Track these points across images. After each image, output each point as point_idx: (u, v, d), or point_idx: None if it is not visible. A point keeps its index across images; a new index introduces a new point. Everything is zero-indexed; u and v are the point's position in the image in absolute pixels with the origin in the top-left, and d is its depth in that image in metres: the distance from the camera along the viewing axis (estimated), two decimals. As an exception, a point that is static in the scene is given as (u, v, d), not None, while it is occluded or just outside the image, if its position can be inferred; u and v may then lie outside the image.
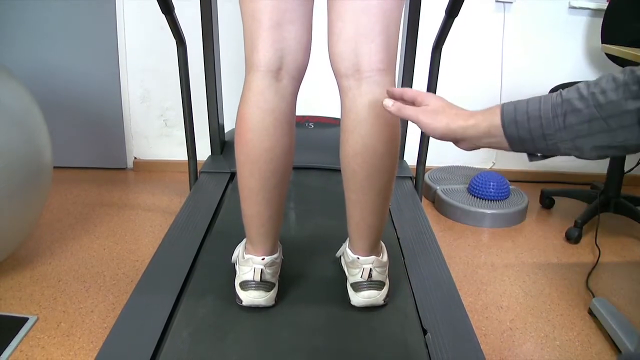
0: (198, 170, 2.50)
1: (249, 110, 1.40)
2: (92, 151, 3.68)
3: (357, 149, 1.40)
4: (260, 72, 1.39)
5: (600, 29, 3.13)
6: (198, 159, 2.54)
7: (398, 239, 1.90)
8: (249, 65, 1.42)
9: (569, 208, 3.29)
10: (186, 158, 2.52)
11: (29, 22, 3.47)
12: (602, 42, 3.22)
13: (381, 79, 1.38)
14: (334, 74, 1.43)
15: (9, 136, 2.13)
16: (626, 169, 3.01)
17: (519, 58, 3.50)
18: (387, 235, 1.74)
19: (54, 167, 2.46)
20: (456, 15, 2.13)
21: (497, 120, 1.01)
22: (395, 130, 1.41)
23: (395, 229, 1.97)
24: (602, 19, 3.21)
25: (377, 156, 1.39)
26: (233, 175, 2.39)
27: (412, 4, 2.32)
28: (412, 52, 2.41)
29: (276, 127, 1.40)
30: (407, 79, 2.46)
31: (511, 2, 3.41)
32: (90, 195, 3.25)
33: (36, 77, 3.29)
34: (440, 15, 2.21)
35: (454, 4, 2.09)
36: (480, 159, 3.65)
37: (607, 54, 2.96)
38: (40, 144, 2.31)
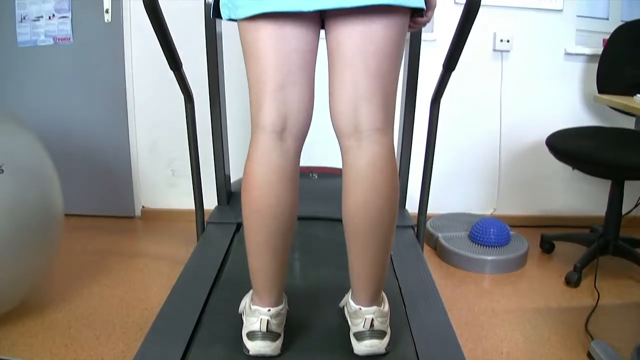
0: (205, 221, 2.56)
1: (255, 168, 1.47)
2: (102, 199, 3.74)
3: (358, 205, 1.47)
4: (266, 132, 1.46)
5: (596, 74, 3.20)
6: (205, 207, 2.60)
7: (400, 288, 1.94)
8: (254, 125, 1.50)
9: (569, 252, 3.32)
10: (192, 207, 2.57)
11: (41, 72, 3.57)
12: (598, 88, 3.30)
13: (380, 138, 1.45)
14: (335, 133, 1.50)
15: (23, 186, 2.20)
16: (624, 211, 3.05)
17: (517, 105, 3.56)
18: (389, 284, 1.80)
19: (65, 215, 2.52)
20: (453, 69, 2.20)
21: None
22: (394, 186, 1.48)
23: (397, 279, 2.02)
24: (597, 65, 3.29)
25: (377, 211, 1.46)
26: (239, 226, 2.44)
27: (410, 60, 2.38)
28: (411, 107, 2.47)
29: (281, 184, 1.47)
30: (407, 134, 2.52)
31: (508, 51, 3.49)
32: (100, 243, 3.31)
33: (47, 126, 3.37)
34: (438, 68, 2.28)
35: (451, 58, 2.16)
36: (481, 206, 3.70)
37: (603, 100, 3.02)
38: (52, 194, 2.37)
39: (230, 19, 1.49)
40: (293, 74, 1.46)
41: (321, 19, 1.48)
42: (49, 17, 3.51)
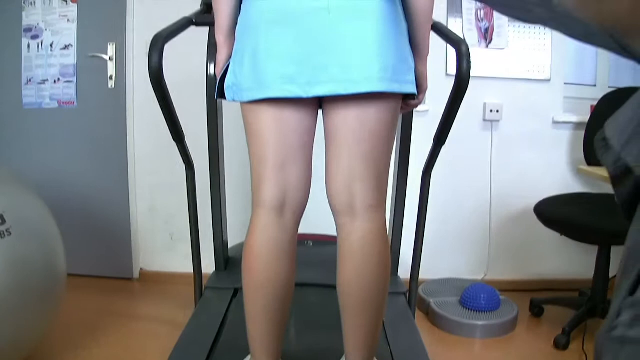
0: (203, 285, 2.62)
1: (255, 242, 1.56)
2: (101, 260, 3.78)
3: (351, 278, 1.55)
4: (266, 208, 1.56)
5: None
6: (202, 271, 2.65)
7: (391, 354, 2.00)
8: (255, 201, 1.59)
9: (558, 315, 3.34)
10: (190, 270, 2.62)
11: (45, 134, 3.67)
12: (584, 155, 3.38)
13: (373, 215, 1.55)
14: (331, 210, 1.60)
15: (29, 247, 2.26)
16: (611, 274, 3.10)
17: (506, 173, 3.64)
18: (381, 350, 1.85)
19: (67, 275, 2.56)
20: (444, 143, 2.28)
21: None
22: (385, 261, 1.57)
23: (389, 345, 2.07)
24: (584, 132, 3.39)
25: (369, 284, 1.55)
26: (236, 291, 2.50)
27: (403, 132, 2.46)
28: (403, 178, 2.55)
29: (279, 257, 1.56)
30: (399, 203, 2.60)
31: (498, 120, 3.59)
32: (99, 304, 3.35)
33: (50, 187, 3.40)
34: (430, 138, 2.36)
35: (441, 133, 2.25)
36: (473, 270, 3.74)
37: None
38: (56, 255, 2.43)
39: (234, 100, 1.59)
40: (292, 154, 1.56)
41: (319, 101, 1.58)
42: (55, 81, 3.62)
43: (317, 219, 2.54)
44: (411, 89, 1.56)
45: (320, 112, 1.63)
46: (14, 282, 2.16)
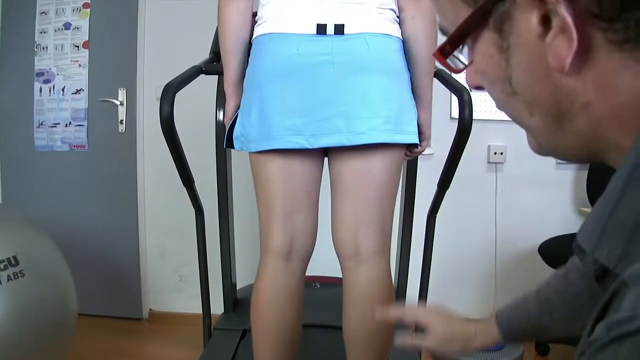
0: (212, 326, 2.65)
1: (264, 287, 1.61)
2: (111, 300, 3.80)
3: (356, 322, 1.60)
4: (274, 254, 1.61)
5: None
6: (211, 312, 2.69)
7: (397, 395, 2.03)
8: (263, 248, 1.64)
9: (564, 354, 3.31)
10: (198, 311, 2.64)
11: (56, 176, 3.73)
12: (588, 195, 3.42)
13: (377, 260, 1.60)
14: (337, 255, 1.65)
15: (41, 288, 2.30)
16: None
17: (511, 214, 3.66)
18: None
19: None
20: (448, 188, 2.32)
21: (498, 337, 1.17)
22: (390, 303, 1.61)
23: (394, 386, 2.10)
24: (587, 172, 3.43)
25: (374, 328, 1.59)
26: (245, 332, 2.52)
27: (408, 176, 2.50)
28: (408, 221, 2.58)
29: (287, 301, 1.61)
30: (405, 246, 2.64)
31: (502, 163, 3.64)
32: (108, 344, 3.36)
33: (60, 228, 3.40)
34: (435, 181, 2.41)
35: (445, 178, 2.29)
36: (479, 310, 3.72)
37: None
38: (68, 296, 2.47)
39: (242, 150, 1.65)
40: (299, 202, 1.61)
41: (324, 151, 1.64)
42: (66, 125, 3.69)
43: (324, 261, 2.58)
44: (414, 139, 1.61)
45: (326, 160, 1.69)
46: (26, 322, 2.19)
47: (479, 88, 0.73)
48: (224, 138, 1.76)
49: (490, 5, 0.61)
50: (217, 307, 2.80)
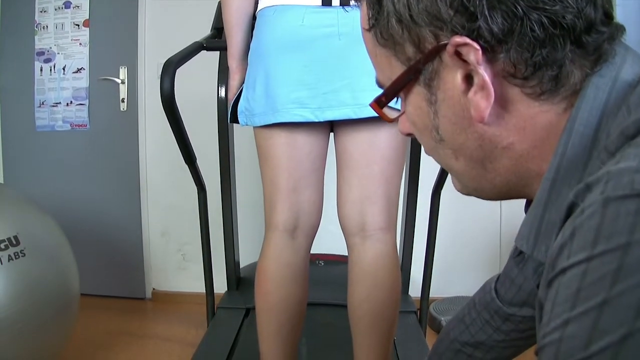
0: (215, 305, 2.65)
1: (268, 264, 1.59)
2: (113, 280, 3.79)
3: (362, 299, 1.58)
4: (279, 231, 1.58)
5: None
6: (214, 291, 2.67)
7: (402, 372, 2.03)
8: (268, 224, 1.62)
9: None
10: (202, 290, 2.64)
11: (57, 156, 3.71)
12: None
13: (383, 236, 1.57)
14: (342, 231, 1.62)
15: (42, 268, 2.28)
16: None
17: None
18: (392, 369, 1.87)
19: (80, 295, 2.58)
20: (448, 169, 2.30)
21: None
22: (396, 281, 1.59)
23: (400, 363, 2.10)
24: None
25: (380, 305, 1.57)
26: (248, 311, 2.52)
27: (412, 154, 2.49)
28: (413, 198, 2.56)
29: (291, 279, 1.58)
30: (409, 223, 2.62)
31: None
32: (111, 323, 3.35)
33: (62, 208, 3.38)
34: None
35: (450, 154, 2.27)
36: (483, 288, 3.73)
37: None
38: (70, 275, 2.45)
39: (247, 125, 1.62)
40: (304, 178, 1.59)
41: (330, 125, 1.61)
42: (67, 104, 3.66)
43: (328, 239, 2.56)
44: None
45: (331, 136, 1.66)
46: (28, 302, 2.18)
47: (409, 135, 0.82)
48: (228, 113, 1.73)
49: (422, 65, 0.70)
50: (221, 286, 2.79)
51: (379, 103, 0.76)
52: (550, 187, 0.67)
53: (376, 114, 0.74)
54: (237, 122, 1.66)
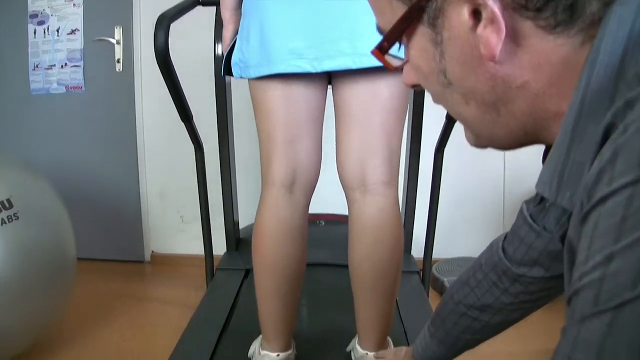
0: (214, 267, 2.62)
1: (265, 221, 1.53)
2: (112, 244, 3.79)
3: (363, 256, 1.53)
4: (275, 186, 1.53)
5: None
6: (213, 252, 2.64)
7: (405, 333, 1.97)
8: (264, 179, 1.56)
9: None
10: (201, 252, 2.61)
11: (53, 120, 3.66)
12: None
13: (384, 191, 1.52)
14: (342, 186, 1.57)
15: (37, 231, 2.26)
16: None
17: (520, 151, 3.57)
18: (394, 329, 1.82)
19: (77, 259, 2.56)
20: (456, 120, 2.25)
21: None
22: (398, 237, 1.54)
23: (403, 324, 2.05)
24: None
25: (381, 262, 1.52)
26: (248, 272, 2.48)
27: (414, 110, 2.44)
28: (415, 155, 2.52)
29: (290, 236, 1.53)
30: (412, 181, 2.58)
31: (512, 97, 3.55)
32: (110, 287, 3.35)
33: (59, 172, 3.36)
34: (442, 116, 2.34)
35: (454, 110, 2.22)
36: (486, 249, 3.71)
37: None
38: (65, 238, 2.43)
39: (242, 77, 1.56)
40: (301, 130, 1.53)
41: (328, 76, 1.55)
42: (62, 66, 3.61)
43: (329, 199, 2.53)
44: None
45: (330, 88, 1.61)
46: (22, 266, 2.16)
47: (415, 86, 0.77)
48: (222, 66, 1.67)
49: (424, 2, 0.65)
50: (221, 247, 2.76)
51: (381, 49, 0.72)
52: (573, 125, 0.60)
53: (377, 64, 0.70)
54: (231, 74, 1.60)
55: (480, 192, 3.65)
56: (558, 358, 0.52)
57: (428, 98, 2.46)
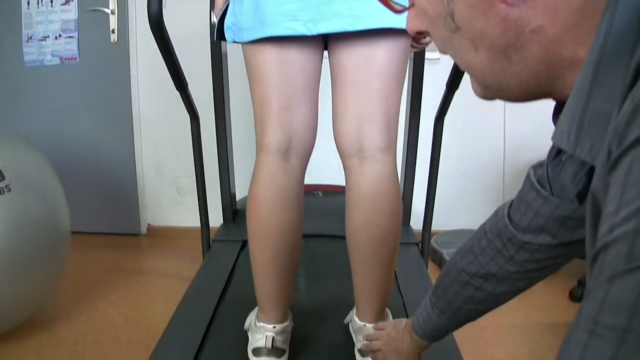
0: (211, 239, 2.59)
1: (260, 189, 1.49)
2: (108, 217, 3.77)
3: (360, 225, 1.49)
4: (270, 153, 1.49)
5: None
6: (210, 224, 2.62)
7: (404, 304, 1.96)
8: (259, 146, 1.52)
9: (573, 267, 3.26)
10: (198, 224, 2.59)
11: (47, 92, 3.62)
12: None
13: (382, 157, 1.47)
14: (339, 153, 1.53)
15: (30, 203, 2.23)
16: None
17: (521, 121, 3.55)
18: (393, 301, 1.80)
19: (72, 232, 2.54)
20: (456, 89, 2.22)
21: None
22: (396, 206, 1.50)
23: (402, 295, 2.03)
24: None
25: (379, 231, 1.48)
26: (245, 243, 2.45)
27: (414, 79, 2.41)
28: (414, 125, 2.49)
29: (285, 204, 1.49)
30: (411, 151, 2.54)
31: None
32: (106, 261, 3.34)
33: (53, 145, 3.33)
34: (441, 87, 2.30)
35: (454, 78, 2.19)
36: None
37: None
38: (59, 211, 2.40)
39: (235, 42, 1.52)
40: (297, 96, 1.49)
41: (324, 40, 1.51)
42: (56, 37, 3.56)
43: (327, 170, 2.49)
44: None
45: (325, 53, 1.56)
46: (15, 239, 2.13)
47: (419, 34, 0.73)
48: (215, 31, 1.63)
49: None
50: (218, 220, 2.74)
51: None
52: (593, 71, 0.56)
53: (374, 26, 0.66)
54: (224, 39, 1.55)
55: (480, 164, 3.62)
56: (581, 324, 0.47)
57: (427, 65, 2.44)
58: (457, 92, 2.25)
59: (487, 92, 0.71)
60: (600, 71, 0.55)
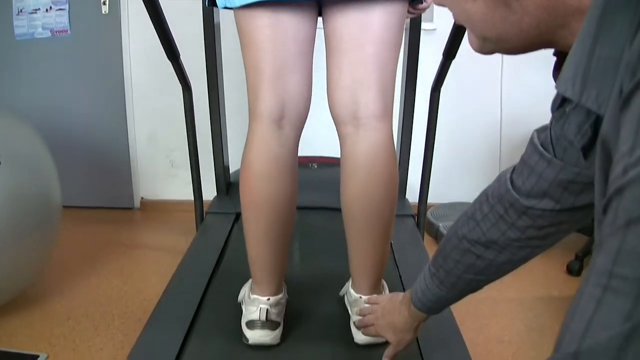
0: (204, 211, 2.56)
1: (253, 158, 1.46)
2: (100, 191, 3.75)
3: (356, 194, 1.46)
4: (263, 121, 1.45)
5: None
6: (204, 197, 2.60)
7: (400, 277, 1.94)
8: (252, 114, 1.48)
9: (571, 240, 3.26)
10: (192, 197, 2.57)
11: (39, 65, 3.57)
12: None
13: (378, 125, 1.44)
14: (334, 121, 1.49)
15: (21, 177, 2.20)
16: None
17: (517, 93, 3.52)
18: (389, 273, 1.79)
19: (64, 207, 2.52)
20: (453, 58, 2.19)
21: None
22: (393, 174, 1.47)
23: (398, 268, 2.01)
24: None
25: (375, 200, 1.45)
26: (238, 216, 2.42)
27: (410, 49, 2.38)
28: (411, 96, 2.46)
29: (279, 173, 1.46)
30: (407, 122, 2.51)
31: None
32: (99, 235, 3.32)
33: (45, 118, 3.35)
34: (438, 57, 2.27)
35: (451, 46, 2.15)
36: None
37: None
38: (50, 185, 2.38)
39: (226, 7, 1.47)
40: (290, 62, 1.45)
41: (318, 6, 1.47)
42: (46, 10, 3.51)
43: (322, 142, 2.46)
44: (419, -10, 1.45)
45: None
46: (5, 212, 2.11)
47: None
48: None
49: None
50: (212, 192, 2.71)
51: None
52: (600, 15, 0.52)
53: None
54: (215, 5, 1.51)
55: (476, 136, 3.60)
56: (593, 279, 0.43)
57: (423, 36, 2.40)
58: (453, 62, 2.22)
59: (485, 44, 0.68)
60: (608, 14, 0.51)
